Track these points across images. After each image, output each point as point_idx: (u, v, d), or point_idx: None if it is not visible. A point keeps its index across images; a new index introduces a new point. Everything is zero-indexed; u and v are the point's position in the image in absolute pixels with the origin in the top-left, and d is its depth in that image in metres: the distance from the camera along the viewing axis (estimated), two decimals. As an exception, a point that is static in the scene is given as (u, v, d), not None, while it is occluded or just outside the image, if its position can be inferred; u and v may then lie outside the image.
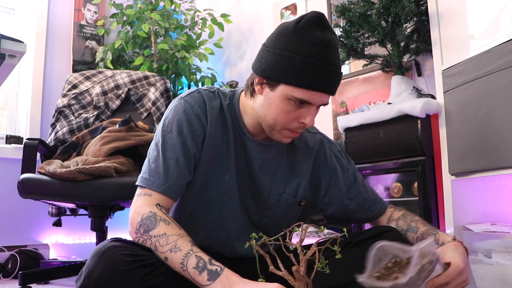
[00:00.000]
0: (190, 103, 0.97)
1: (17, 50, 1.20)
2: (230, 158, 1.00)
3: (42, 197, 1.66)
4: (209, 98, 1.00)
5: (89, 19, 3.02)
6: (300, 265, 0.75)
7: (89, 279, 0.79)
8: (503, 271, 1.24)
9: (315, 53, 0.86)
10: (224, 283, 0.75)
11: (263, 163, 1.03)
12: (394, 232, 1.01)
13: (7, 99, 2.76)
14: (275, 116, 0.92)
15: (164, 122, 0.97)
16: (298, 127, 0.94)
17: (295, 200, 1.07)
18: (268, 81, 0.91)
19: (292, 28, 0.89)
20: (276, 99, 0.91)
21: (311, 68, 0.86)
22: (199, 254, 0.79)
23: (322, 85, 0.88)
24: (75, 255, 2.70)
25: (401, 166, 1.65)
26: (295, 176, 1.07)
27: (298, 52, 0.86)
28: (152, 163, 0.94)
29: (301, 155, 1.08)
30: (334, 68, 0.89)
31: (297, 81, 0.87)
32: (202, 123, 0.97)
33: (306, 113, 0.91)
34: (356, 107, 2.32)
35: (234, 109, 1.02)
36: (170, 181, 0.92)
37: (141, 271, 0.80)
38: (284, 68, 0.87)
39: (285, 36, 0.89)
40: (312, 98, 0.89)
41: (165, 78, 2.31)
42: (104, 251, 0.81)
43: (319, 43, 0.87)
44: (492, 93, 1.35)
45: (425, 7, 1.74)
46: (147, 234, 0.84)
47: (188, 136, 0.95)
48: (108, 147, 1.77)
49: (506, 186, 1.44)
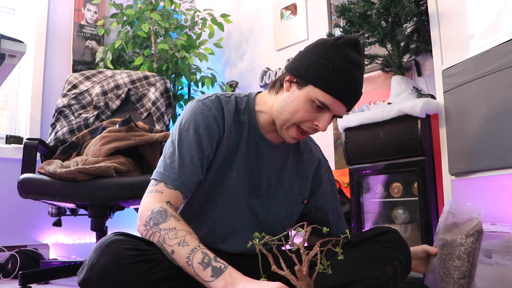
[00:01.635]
0: (208, 106, 1.02)
1: (17, 50, 1.20)
2: (239, 157, 1.05)
3: (42, 197, 1.66)
4: (225, 102, 1.05)
5: (89, 19, 3.02)
6: (303, 265, 0.75)
7: (91, 271, 0.80)
8: (503, 271, 1.24)
9: (346, 67, 0.95)
10: (227, 280, 0.76)
11: (271, 163, 1.09)
12: (394, 233, 1.02)
13: (7, 99, 2.76)
14: (293, 111, 0.99)
15: (182, 121, 1.01)
16: (309, 128, 1.01)
17: (299, 198, 1.14)
18: (298, 79, 0.99)
19: (332, 43, 0.97)
20: (300, 97, 0.98)
21: (339, 78, 0.95)
22: (205, 251, 0.81)
23: (344, 96, 0.97)
24: (75, 255, 2.70)
25: (401, 166, 1.65)
26: (299, 177, 1.14)
27: (332, 62, 0.95)
28: (167, 159, 0.97)
29: (306, 160, 1.16)
30: (358, 85, 0.98)
31: (325, 86, 0.95)
32: (219, 126, 1.02)
33: (321, 118, 0.98)
34: (356, 107, 2.32)
35: (250, 111, 1.07)
36: (184, 176, 0.95)
37: (144, 265, 0.81)
38: (316, 72, 0.95)
39: (323, 47, 0.98)
40: (332, 105, 0.97)
41: (165, 78, 2.31)
42: (108, 244, 0.82)
43: (351, 61, 0.96)
44: (492, 93, 1.35)
45: (425, 7, 1.74)
46: (157, 227, 0.85)
47: (205, 136, 0.99)
48: (108, 147, 1.77)
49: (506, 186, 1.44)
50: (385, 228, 1.04)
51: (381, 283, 0.92)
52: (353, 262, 0.91)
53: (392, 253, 0.96)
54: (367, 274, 0.91)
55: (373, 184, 1.82)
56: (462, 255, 1.05)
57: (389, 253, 0.96)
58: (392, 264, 0.95)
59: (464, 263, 1.04)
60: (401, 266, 0.97)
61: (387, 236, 1.00)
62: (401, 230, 1.68)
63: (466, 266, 1.04)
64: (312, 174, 1.17)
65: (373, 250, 0.96)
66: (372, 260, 0.94)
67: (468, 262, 1.05)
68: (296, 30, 2.72)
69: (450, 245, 1.08)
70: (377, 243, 0.98)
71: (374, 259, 0.94)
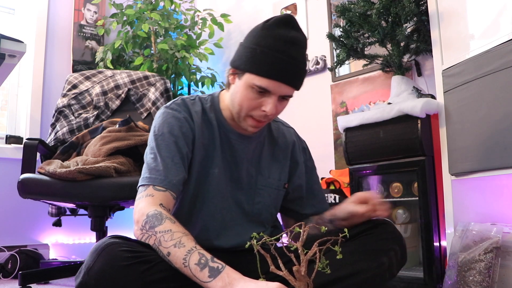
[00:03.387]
0: (176, 109, 1.06)
1: (17, 50, 1.19)
2: (217, 153, 1.07)
3: (42, 197, 1.65)
4: (191, 104, 1.10)
5: (89, 19, 3.02)
6: (301, 265, 0.75)
7: (88, 275, 0.79)
8: (503, 271, 1.25)
9: (273, 45, 0.95)
10: (224, 280, 0.76)
11: (247, 154, 1.11)
12: (388, 225, 1.03)
13: (7, 99, 2.76)
14: (240, 102, 1.01)
15: (155, 129, 1.04)
16: (260, 115, 1.01)
17: (280, 184, 1.16)
18: (236, 71, 1.02)
19: (261, 26, 0.99)
20: (241, 87, 1.00)
21: (270, 59, 0.95)
22: (202, 251, 0.81)
23: (279, 75, 0.96)
24: (75, 255, 2.70)
25: (401, 166, 1.65)
26: (278, 163, 1.17)
27: (260, 44, 0.96)
28: (150, 164, 0.99)
29: (281, 145, 1.18)
30: (292, 61, 0.96)
31: (257, 69, 0.96)
32: (190, 125, 1.05)
33: (266, 102, 0.99)
34: (356, 107, 2.32)
35: (215, 109, 1.11)
36: (170, 176, 0.97)
37: (140, 267, 0.81)
38: (248, 58, 0.98)
39: (254, 32, 1.01)
40: (270, 86, 0.96)
41: (165, 78, 2.31)
42: (104, 247, 0.82)
43: (280, 38, 0.96)
44: (492, 93, 1.35)
45: (425, 7, 1.74)
46: (153, 230, 0.86)
47: (180, 136, 1.02)
48: (108, 147, 1.77)
49: (506, 186, 1.44)
50: (379, 220, 1.05)
51: (377, 274, 0.94)
52: (349, 256, 0.91)
53: (387, 245, 0.98)
54: (364, 266, 0.93)
55: (373, 184, 1.82)
56: (483, 271, 1.09)
57: (384, 244, 0.98)
58: (387, 255, 0.96)
59: (485, 278, 1.08)
60: (396, 257, 0.98)
61: (381, 228, 1.02)
62: (401, 230, 1.68)
63: (487, 281, 1.08)
64: (289, 157, 1.19)
65: (368, 242, 0.97)
66: (367, 252, 0.95)
67: (489, 277, 1.08)
68: (296, 30, 2.72)
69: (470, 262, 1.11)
70: (372, 236, 0.99)
71: (369, 252, 0.95)
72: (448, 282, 1.29)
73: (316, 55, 2.55)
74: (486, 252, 1.14)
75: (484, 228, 1.21)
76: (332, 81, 2.46)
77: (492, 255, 1.13)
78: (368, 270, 0.93)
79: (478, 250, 1.16)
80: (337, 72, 2.44)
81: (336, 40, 1.95)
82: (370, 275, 0.93)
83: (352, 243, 0.97)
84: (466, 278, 1.14)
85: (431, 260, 1.51)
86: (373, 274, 0.93)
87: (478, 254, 1.15)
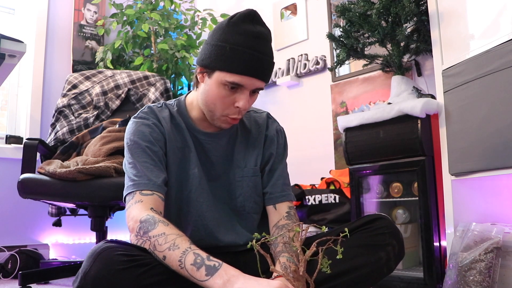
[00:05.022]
0: (144, 117, 1.08)
1: (17, 50, 1.19)
2: (193, 155, 1.09)
3: (42, 197, 1.65)
4: (158, 110, 1.10)
5: (89, 19, 3.02)
6: (300, 265, 0.75)
7: (85, 279, 0.79)
8: (503, 271, 1.25)
9: (243, 42, 0.96)
10: (223, 277, 0.76)
11: (219, 151, 1.12)
12: (384, 219, 1.03)
13: (7, 99, 2.76)
14: (213, 100, 1.01)
15: (127, 140, 1.06)
16: (234, 112, 1.02)
17: (256, 169, 1.15)
18: (206, 69, 1.01)
19: (226, 23, 0.99)
20: (213, 85, 1.00)
21: (240, 55, 0.96)
22: (197, 251, 0.81)
23: (250, 70, 0.97)
24: (75, 255, 2.70)
25: (401, 166, 1.65)
26: (253, 150, 1.16)
27: (229, 41, 0.97)
28: (131, 173, 1.00)
29: (255, 132, 1.18)
30: (261, 55, 0.98)
31: (228, 66, 0.97)
32: (160, 130, 1.07)
33: (239, 98, 1.00)
34: (356, 107, 2.32)
35: (182, 112, 1.12)
36: (154, 178, 0.98)
37: (137, 270, 0.81)
38: (217, 56, 0.98)
39: (219, 30, 1.00)
40: (242, 82, 0.98)
41: (165, 78, 2.31)
42: (100, 252, 0.82)
43: (248, 34, 0.97)
44: (492, 93, 1.35)
45: (425, 7, 1.74)
46: (147, 235, 0.86)
47: (152, 141, 1.04)
48: (108, 147, 1.77)
49: (506, 186, 1.44)
50: (375, 215, 1.05)
51: (375, 269, 0.95)
52: (347, 251, 0.91)
53: (384, 239, 0.98)
54: (362, 261, 0.93)
55: (373, 184, 1.82)
56: (483, 270, 1.09)
57: (381, 239, 0.98)
58: (385, 250, 0.97)
59: (485, 278, 1.08)
60: (394, 251, 0.98)
61: (378, 222, 1.02)
62: (401, 230, 1.68)
63: (488, 281, 1.08)
64: (263, 140, 1.18)
65: (366, 237, 0.98)
66: (365, 247, 0.96)
67: (489, 277, 1.09)
68: (296, 30, 2.72)
69: (470, 262, 1.12)
70: (369, 230, 1.00)
71: (367, 247, 0.96)
72: (448, 282, 1.29)
73: (316, 55, 2.55)
74: (486, 252, 1.14)
75: (484, 228, 1.21)
76: (332, 81, 2.46)
77: (492, 255, 1.13)
78: (366, 265, 0.93)
79: (479, 250, 1.16)
80: (337, 72, 2.44)
81: (336, 40, 1.95)
82: (368, 270, 0.93)
83: (349, 239, 0.97)
84: (467, 278, 1.15)
85: (431, 260, 1.51)
86: (371, 269, 0.94)
87: (479, 254, 1.15)
